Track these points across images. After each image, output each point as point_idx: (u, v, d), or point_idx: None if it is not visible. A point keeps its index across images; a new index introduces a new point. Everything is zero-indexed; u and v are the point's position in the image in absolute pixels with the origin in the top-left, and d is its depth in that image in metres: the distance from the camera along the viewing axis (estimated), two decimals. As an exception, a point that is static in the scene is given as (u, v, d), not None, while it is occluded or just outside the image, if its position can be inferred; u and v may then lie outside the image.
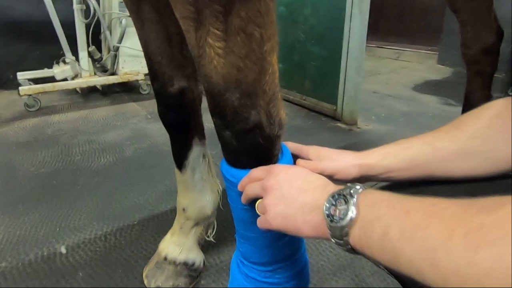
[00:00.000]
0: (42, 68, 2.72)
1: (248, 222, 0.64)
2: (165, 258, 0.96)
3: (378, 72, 3.82)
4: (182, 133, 0.88)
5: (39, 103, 2.44)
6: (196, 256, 0.98)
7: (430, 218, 0.32)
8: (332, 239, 0.40)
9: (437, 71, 3.74)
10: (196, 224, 0.97)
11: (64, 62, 2.55)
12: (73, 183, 1.51)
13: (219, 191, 1.00)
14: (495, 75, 1.81)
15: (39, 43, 2.91)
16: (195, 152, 0.91)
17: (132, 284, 0.98)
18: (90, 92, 2.87)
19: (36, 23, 2.83)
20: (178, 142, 0.90)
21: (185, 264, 0.96)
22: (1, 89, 2.89)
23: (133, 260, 1.07)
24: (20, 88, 2.36)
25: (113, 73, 2.67)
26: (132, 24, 0.84)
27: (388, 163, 0.56)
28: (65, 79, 2.54)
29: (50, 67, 2.58)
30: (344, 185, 0.42)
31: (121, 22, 2.53)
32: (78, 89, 2.81)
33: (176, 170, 0.94)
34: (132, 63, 2.71)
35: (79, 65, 2.59)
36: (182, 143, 0.90)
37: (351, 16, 2.17)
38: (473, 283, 0.28)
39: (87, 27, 2.58)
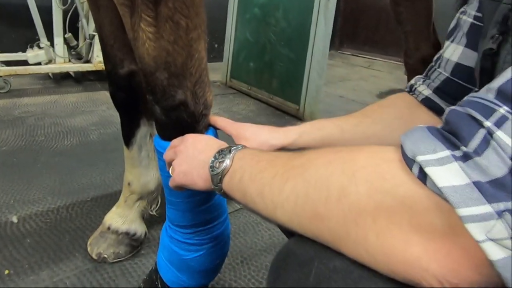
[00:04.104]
0: (16, 52, 2.73)
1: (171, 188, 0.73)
2: (109, 228, 1.04)
3: (348, 78, 3.96)
4: (130, 112, 0.97)
5: (9, 85, 2.45)
6: (138, 227, 1.06)
7: (268, 164, 0.42)
8: (213, 186, 0.50)
9: (404, 81, 3.89)
10: (140, 198, 1.06)
11: (39, 46, 2.58)
12: (34, 161, 1.56)
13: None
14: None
15: (15, 27, 2.91)
16: (143, 131, 1.00)
17: (77, 251, 1.05)
18: (63, 79, 2.89)
19: (14, 6, 2.84)
20: (127, 120, 0.98)
21: (126, 233, 1.04)
22: (-28, 69, 2.88)
23: (81, 231, 1.14)
24: (-10, 68, 2.37)
25: (87, 61, 2.71)
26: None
27: (302, 142, 0.66)
28: (38, 64, 2.56)
29: (25, 51, 2.60)
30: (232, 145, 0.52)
31: (98, 12, 2.57)
32: (50, 75, 2.83)
33: (124, 147, 1.02)
34: (107, 53, 2.75)
35: (53, 50, 2.62)
36: (130, 122, 0.98)
37: (317, 22, 2.30)
38: (279, 208, 0.38)
39: (65, 14, 2.61)
